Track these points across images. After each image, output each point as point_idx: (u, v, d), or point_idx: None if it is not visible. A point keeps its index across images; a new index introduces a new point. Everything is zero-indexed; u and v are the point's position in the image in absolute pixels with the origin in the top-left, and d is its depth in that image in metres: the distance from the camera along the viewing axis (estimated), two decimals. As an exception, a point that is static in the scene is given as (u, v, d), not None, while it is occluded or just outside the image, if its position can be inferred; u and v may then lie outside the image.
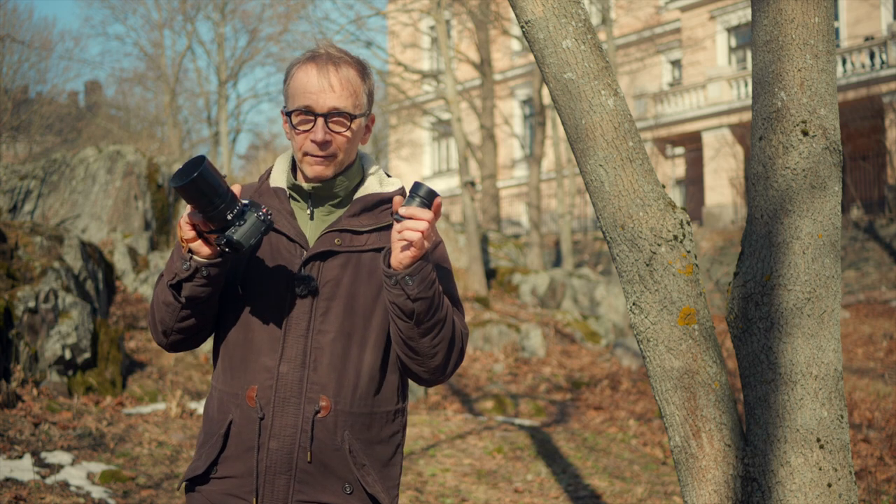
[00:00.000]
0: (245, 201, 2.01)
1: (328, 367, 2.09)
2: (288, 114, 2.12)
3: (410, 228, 1.93)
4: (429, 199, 1.95)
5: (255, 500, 2.08)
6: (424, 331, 2.04)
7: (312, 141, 2.08)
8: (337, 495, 2.09)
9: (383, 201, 2.18)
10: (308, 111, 2.08)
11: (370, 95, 2.17)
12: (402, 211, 1.94)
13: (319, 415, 2.08)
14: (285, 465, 2.07)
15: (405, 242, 1.95)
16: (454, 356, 2.13)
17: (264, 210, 2.00)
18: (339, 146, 2.11)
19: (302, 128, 2.10)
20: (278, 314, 2.11)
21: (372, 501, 2.13)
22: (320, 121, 2.08)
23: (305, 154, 2.11)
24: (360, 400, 2.11)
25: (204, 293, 2.07)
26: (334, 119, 2.09)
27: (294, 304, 2.11)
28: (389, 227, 2.14)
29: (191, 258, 2.03)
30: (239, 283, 2.15)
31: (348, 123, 2.10)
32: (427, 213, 1.93)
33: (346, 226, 2.14)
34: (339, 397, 2.09)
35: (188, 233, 2.01)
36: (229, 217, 1.97)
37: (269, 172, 2.25)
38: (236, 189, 2.02)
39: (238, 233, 1.97)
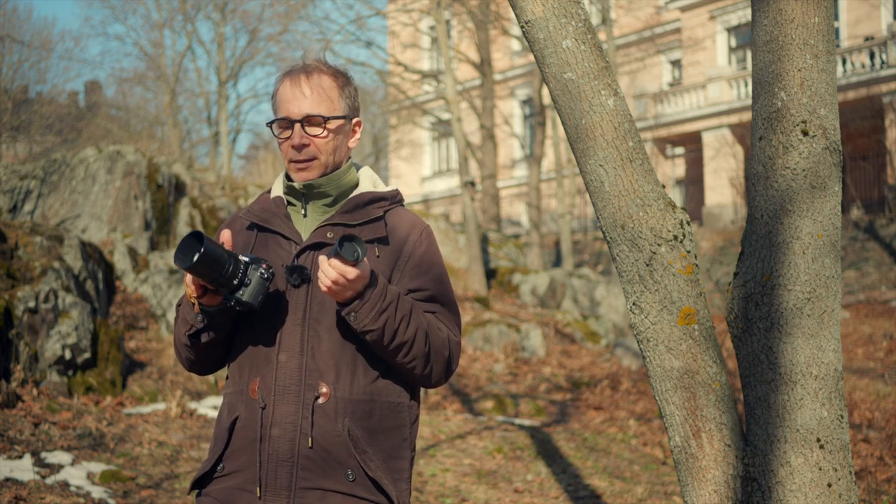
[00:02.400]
0: (246, 258, 2.11)
1: (326, 355, 2.14)
2: (271, 126, 2.26)
3: (320, 279, 2.06)
4: (349, 257, 2.03)
5: (258, 489, 2.11)
6: (390, 352, 2.13)
7: (292, 146, 2.21)
8: (340, 482, 2.11)
9: (375, 199, 2.27)
10: (285, 120, 2.22)
11: (351, 100, 2.28)
12: (322, 259, 2.06)
13: (319, 401, 2.12)
14: (287, 453, 2.11)
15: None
16: (437, 368, 2.20)
17: (265, 266, 2.11)
18: (318, 148, 2.22)
19: (282, 136, 2.23)
20: (276, 307, 2.18)
21: (376, 489, 2.14)
22: (297, 126, 2.21)
23: (290, 161, 2.24)
24: (360, 387, 2.15)
25: (222, 334, 2.20)
26: (309, 123, 2.21)
27: (290, 295, 2.18)
28: (380, 219, 2.25)
29: (202, 310, 2.15)
30: None
31: (324, 125, 2.21)
32: (332, 274, 2.03)
33: (339, 220, 2.23)
34: (337, 384, 2.13)
35: (196, 290, 2.11)
36: (235, 283, 2.08)
37: (270, 189, 2.38)
38: (226, 236, 2.13)
39: (246, 294, 2.09)
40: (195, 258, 2.00)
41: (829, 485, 2.59)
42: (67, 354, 7.93)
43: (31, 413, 6.91)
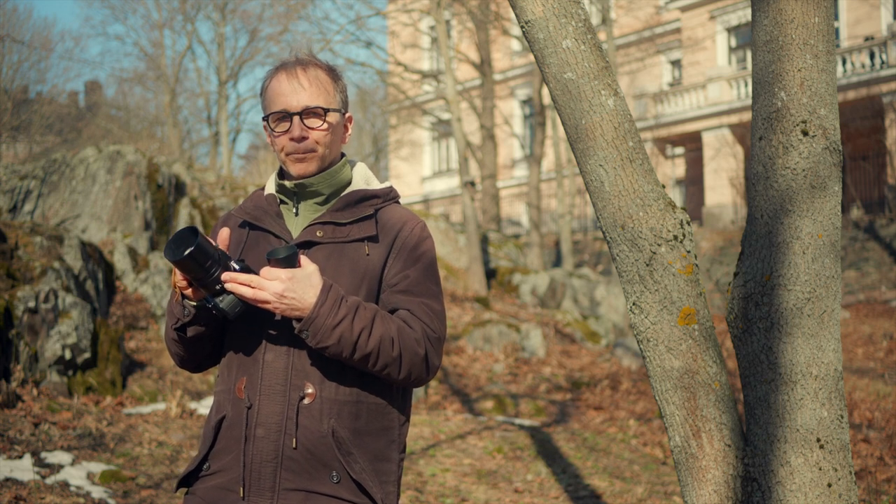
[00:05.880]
0: (237, 267, 2.07)
1: (313, 355, 2.12)
2: (266, 120, 2.22)
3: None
4: (287, 260, 2.03)
5: (241, 489, 2.09)
6: (356, 363, 2.09)
7: (291, 139, 2.17)
8: (324, 484, 2.08)
9: (367, 197, 2.24)
10: (283, 112, 2.18)
11: (343, 95, 2.26)
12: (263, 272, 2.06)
13: (304, 401, 2.10)
14: (271, 453, 2.08)
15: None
16: (415, 369, 2.14)
17: None
18: (317, 140, 2.19)
19: (280, 129, 2.19)
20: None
21: (361, 491, 2.11)
22: (296, 119, 2.17)
23: (287, 154, 2.19)
24: (346, 388, 2.12)
25: (208, 330, 2.17)
26: (309, 115, 2.18)
27: None
28: (370, 217, 2.22)
29: (187, 304, 2.12)
30: None
31: (323, 117, 2.19)
32: (247, 291, 2.02)
33: (329, 219, 2.19)
34: (323, 384, 2.11)
35: (181, 281, 2.08)
36: (218, 287, 2.05)
37: (264, 186, 2.35)
38: (224, 236, 2.11)
39: (225, 302, 2.06)
40: (184, 253, 1.97)
41: (829, 485, 2.59)
42: (67, 354, 7.93)
43: (31, 413, 6.91)
